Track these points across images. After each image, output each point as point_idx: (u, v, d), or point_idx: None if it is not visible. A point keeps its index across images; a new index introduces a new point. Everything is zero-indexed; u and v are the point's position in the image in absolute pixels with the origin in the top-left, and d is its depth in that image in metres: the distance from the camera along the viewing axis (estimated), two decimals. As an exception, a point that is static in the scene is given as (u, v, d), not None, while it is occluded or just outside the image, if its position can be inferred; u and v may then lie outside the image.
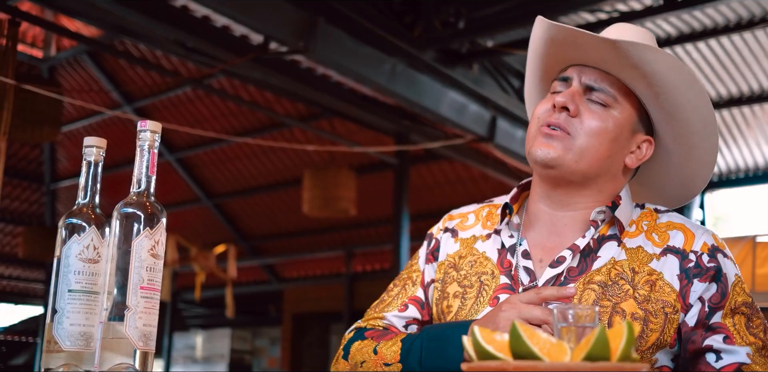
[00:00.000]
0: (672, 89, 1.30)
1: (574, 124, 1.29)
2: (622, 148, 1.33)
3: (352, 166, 7.52)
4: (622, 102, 1.31)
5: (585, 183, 1.33)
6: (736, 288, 1.26)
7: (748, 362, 1.20)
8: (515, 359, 0.78)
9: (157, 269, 1.16)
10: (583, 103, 1.31)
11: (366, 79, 4.18)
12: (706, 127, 1.34)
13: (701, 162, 1.39)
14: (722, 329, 1.23)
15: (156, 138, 1.22)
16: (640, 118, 1.34)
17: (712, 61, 5.91)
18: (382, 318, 1.45)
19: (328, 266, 10.28)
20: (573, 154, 1.28)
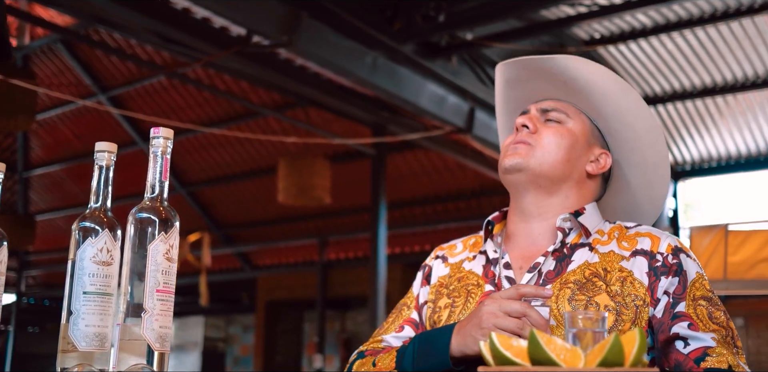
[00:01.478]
0: (607, 97, 1.46)
1: (533, 138, 1.45)
2: (580, 155, 1.47)
3: (327, 155, 7.54)
4: (575, 118, 1.48)
5: (550, 188, 1.45)
6: (696, 284, 1.34)
7: (713, 345, 1.26)
8: (533, 365, 0.82)
9: (171, 272, 1.19)
10: (540, 122, 1.48)
11: (347, 72, 4.20)
12: (649, 132, 1.48)
13: (655, 170, 1.52)
14: (686, 317, 1.30)
15: (168, 144, 1.24)
16: (594, 133, 1.50)
17: (686, 52, 6.01)
18: (381, 341, 1.55)
19: (302, 254, 10.30)
20: (535, 158, 1.43)
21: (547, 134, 1.45)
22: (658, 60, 6.15)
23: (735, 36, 5.74)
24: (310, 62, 4.25)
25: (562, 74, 1.47)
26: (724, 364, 1.24)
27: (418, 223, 8.81)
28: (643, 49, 6.02)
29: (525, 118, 1.47)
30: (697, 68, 6.20)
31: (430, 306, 1.53)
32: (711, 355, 1.26)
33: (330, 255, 9.95)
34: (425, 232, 9.06)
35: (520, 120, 1.47)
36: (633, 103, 1.46)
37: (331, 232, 9.57)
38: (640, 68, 6.29)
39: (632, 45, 5.96)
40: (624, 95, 1.46)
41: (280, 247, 10.25)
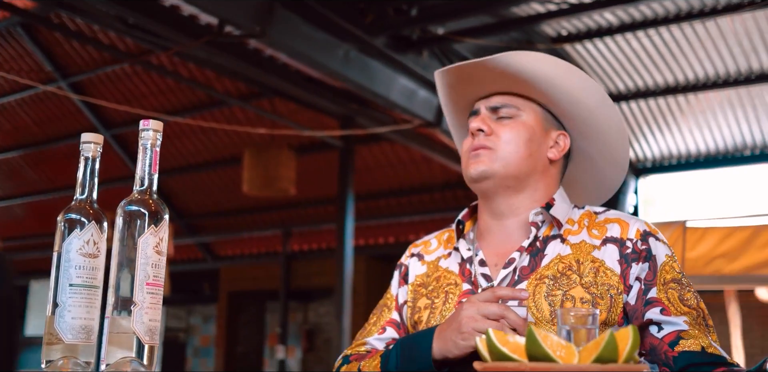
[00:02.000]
0: (552, 79, 1.46)
1: (492, 140, 1.46)
2: (540, 145, 1.48)
3: (292, 146, 7.51)
4: (526, 109, 1.49)
5: (519, 186, 1.47)
6: (665, 267, 1.38)
7: (686, 329, 1.31)
8: (530, 361, 0.85)
9: (161, 266, 1.19)
10: (493, 122, 1.49)
11: (320, 64, 4.19)
12: (601, 104, 1.49)
13: (613, 137, 1.52)
14: (658, 302, 1.34)
15: (158, 137, 1.24)
16: (547, 118, 1.51)
17: (650, 51, 6.10)
18: (364, 344, 1.58)
19: (265, 245, 10.27)
20: (499, 161, 1.45)
21: (504, 133, 1.46)
22: (622, 58, 6.24)
23: (698, 36, 5.84)
24: (281, 54, 4.23)
25: (504, 71, 1.46)
26: (697, 347, 1.29)
27: (383, 215, 8.84)
28: (608, 47, 6.09)
29: (478, 122, 1.48)
30: (660, 67, 6.30)
31: (409, 305, 1.55)
32: (684, 338, 1.30)
33: (294, 246, 9.93)
34: (390, 224, 9.09)
35: (474, 124, 1.48)
36: (579, 82, 1.46)
37: (295, 223, 9.55)
38: (605, 66, 6.38)
39: (598, 43, 6.04)
40: (569, 77, 1.46)
41: (244, 238, 10.20)
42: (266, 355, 10.47)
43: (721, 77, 6.35)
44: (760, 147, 6.96)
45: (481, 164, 1.45)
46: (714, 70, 6.28)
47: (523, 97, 1.50)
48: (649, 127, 7.05)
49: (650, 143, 7.23)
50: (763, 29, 5.70)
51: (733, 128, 6.86)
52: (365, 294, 8.82)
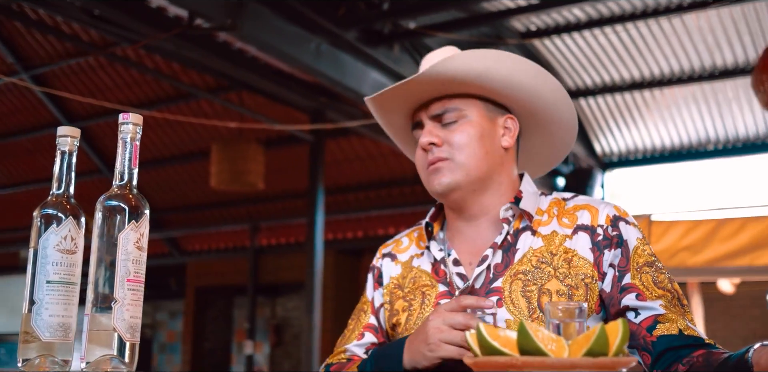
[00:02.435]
0: (485, 72, 1.43)
1: (445, 150, 1.44)
2: (493, 138, 1.47)
3: (260, 139, 7.46)
4: (467, 106, 1.46)
5: (484, 186, 1.47)
6: (638, 250, 1.39)
7: (662, 312, 1.33)
8: (522, 355, 0.85)
9: (142, 262, 1.17)
10: (441, 130, 1.46)
11: (291, 57, 4.16)
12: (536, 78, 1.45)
13: (560, 108, 1.51)
14: (633, 288, 1.35)
15: (138, 130, 1.22)
16: (488, 107, 1.49)
17: (617, 47, 6.16)
18: (344, 351, 1.58)
19: (233, 240, 10.20)
20: (459, 170, 1.44)
21: (456, 139, 1.44)
22: (590, 53, 6.30)
23: (663, 33, 5.91)
24: (252, 46, 4.20)
25: (436, 80, 1.44)
26: (674, 330, 1.31)
27: (351, 209, 8.83)
28: (576, 42, 6.14)
29: (426, 136, 1.45)
30: (626, 62, 6.37)
31: (387, 308, 1.55)
32: (661, 322, 1.32)
33: (262, 241, 9.88)
34: (358, 218, 9.08)
35: (424, 139, 1.45)
36: (512, 64, 1.43)
37: (264, 217, 9.50)
38: (572, 61, 6.43)
39: (566, 38, 6.08)
40: (500, 64, 1.43)
41: (211, 233, 10.12)
42: (234, 350, 10.42)
43: (686, 73, 6.43)
44: (722, 142, 7.07)
45: (443, 177, 1.44)
46: (679, 65, 6.36)
47: (460, 95, 1.47)
48: (615, 121, 7.13)
49: (616, 138, 7.31)
50: (727, 26, 5.79)
51: (697, 123, 6.96)
52: (334, 288, 8.81)
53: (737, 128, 6.91)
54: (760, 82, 4.73)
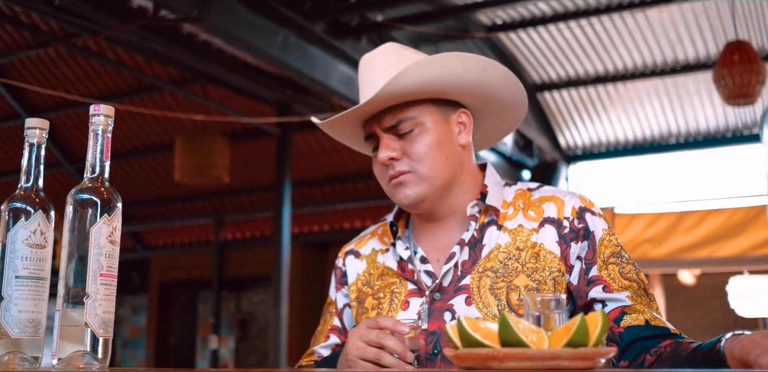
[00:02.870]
0: (431, 78, 1.39)
1: (405, 163, 1.41)
2: (450, 141, 1.44)
3: (225, 133, 7.40)
4: (421, 113, 1.42)
5: (448, 190, 1.45)
6: (604, 242, 1.40)
7: (629, 304, 1.34)
8: (503, 346, 0.85)
9: (114, 256, 1.15)
10: (397, 141, 1.42)
11: (258, 49, 4.12)
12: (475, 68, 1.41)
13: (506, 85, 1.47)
14: (600, 281, 1.36)
15: (110, 122, 1.20)
16: (439, 106, 1.45)
17: (581, 41, 6.22)
18: (313, 353, 1.60)
19: (197, 234, 10.12)
20: (423, 182, 1.41)
21: (415, 150, 1.40)
22: (555, 47, 6.34)
23: (627, 27, 5.98)
24: (218, 38, 4.15)
25: (387, 99, 1.40)
26: (641, 321, 1.33)
27: (317, 202, 8.80)
28: (541, 36, 6.18)
29: (384, 150, 1.41)
30: (590, 57, 6.43)
31: (354, 306, 1.55)
32: (628, 313, 1.34)
33: (227, 234, 9.82)
34: (324, 212, 9.06)
35: (382, 154, 1.41)
36: (459, 67, 1.40)
37: (229, 211, 9.43)
38: (537, 55, 6.47)
39: (531, 32, 6.12)
40: (448, 69, 1.39)
41: (175, 227, 10.02)
42: (198, 345, 10.35)
43: (649, 67, 6.52)
44: (684, 135, 7.18)
45: (407, 190, 1.41)
46: (642, 60, 6.44)
47: (411, 101, 1.43)
48: (579, 115, 7.19)
49: (580, 131, 7.38)
50: (689, 21, 5.87)
51: (659, 117, 7.06)
52: (300, 282, 8.79)
53: (698, 122, 7.02)
54: (720, 77, 4.82)
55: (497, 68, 1.42)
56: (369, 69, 1.46)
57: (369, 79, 1.45)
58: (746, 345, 0.98)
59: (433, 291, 1.42)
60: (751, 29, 5.87)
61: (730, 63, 4.72)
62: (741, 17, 5.70)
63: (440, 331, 1.38)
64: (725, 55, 4.78)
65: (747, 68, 4.67)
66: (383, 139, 1.42)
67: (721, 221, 6.63)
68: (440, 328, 1.39)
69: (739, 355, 0.99)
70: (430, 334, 1.39)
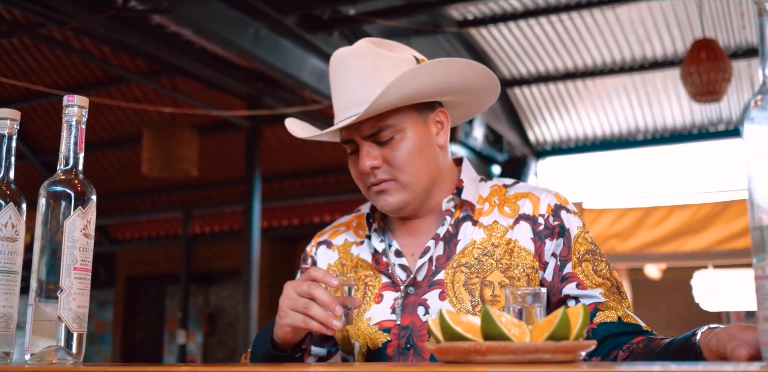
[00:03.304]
0: (421, 90, 1.36)
1: (387, 171, 1.39)
2: (430, 144, 1.42)
3: (194, 126, 7.33)
4: (401, 120, 1.39)
5: (429, 191, 1.44)
6: (578, 239, 1.41)
7: (602, 300, 1.36)
8: (485, 340, 0.85)
9: (89, 249, 1.14)
10: (377, 148, 1.39)
11: (229, 42, 4.08)
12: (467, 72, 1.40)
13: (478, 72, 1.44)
14: (573, 278, 1.38)
15: (84, 113, 1.18)
16: (419, 109, 1.42)
17: (552, 37, 6.26)
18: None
19: (165, 228, 10.03)
20: (407, 189, 1.40)
21: (396, 159, 1.38)
22: (525, 43, 6.38)
23: (597, 24, 6.03)
24: (188, 30, 4.09)
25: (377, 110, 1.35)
26: (614, 317, 1.34)
27: (287, 197, 8.77)
28: (512, 32, 6.21)
29: (366, 159, 1.38)
30: (560, 53, 6.48)
31: None
32: (601, 309, 1.35)
33: (195, 228, 9.74)
34: (293, 206, 9.03)
35: (364, 164, 1.38)
36: (441, 74, 1.37)
37: (197, 205, 9.36)
38: (508, 50, 6.50)
39: (502, 28, 6.15)
40: (431, 79, 1.36)
41: (142, 221, 9.91)
42: (166, 340, 10.26)
43: (617, 64, 6.58)
44: (651, 131, 7.27)
45: (390, 198, 1.40)
46: (611, 56, 6.50)
47: (386, 112, 1.38)
48: (549, 111, 7.25)
49: (549, 127, 7.44)
50: (657, 19, 5.94)
51: (627, 113, 7.13)
52: (269, 276, 8.75)
53: (665, 118, 7.11)
54: (688, 74, 4.88)
55: (474, 67, 1.40)
56: (344, 71, 1.40)
57: (344, 81, 1.40)
58: (723, 337, 0.99)
59: (407, 285, 1.42)
60: (718, 27, 5.96)
61: (697, 61, 4.79)
62: (708, 15, 5.78)
63: (413, 325, 1.38)
64: (692, 53, 4.84)
65: (713, 66, 4.74)
66: (363, 147, 1.39)
67: (686, 217, 6.73)
68: (413, 322, 1.38)
69: (716, 347, 1.00)
70: (403, 328, 1.39)
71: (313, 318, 1.22)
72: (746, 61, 6.24)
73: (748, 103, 0.79)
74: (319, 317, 1.22)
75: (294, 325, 1.25)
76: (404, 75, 1.30)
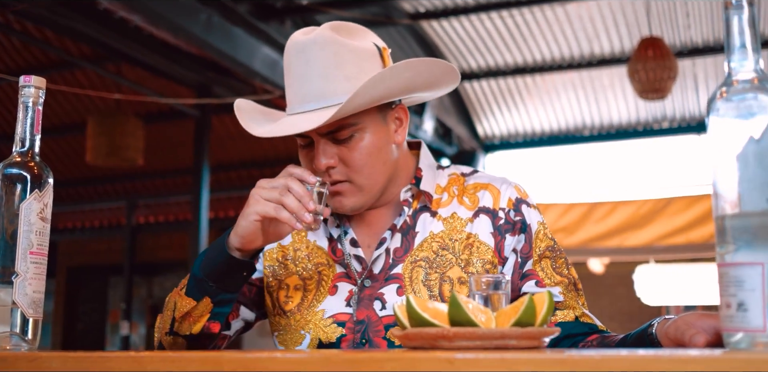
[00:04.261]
0: (386, 92, 1.33)
1: (342, 172, 1.34)
2: (388, 144, 1.38)
3: (140, 114, 7.20)
4: (361, 119, 1.33)
5: (384, 189, 1.40)
6: (539, 235, 1.40)
7: (561, 299, 1.37)
8: (452, 326, 0.86)
9: (45, 233, 1.11)
10: (334, 147, 1.34)
11: (180, 29, 4.00)
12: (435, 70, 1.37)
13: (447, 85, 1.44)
14: (533, 275, 1.38)
15: (41, 94, 1.15)
16: (381, 107, 1.37)
17: (502, 32, 6.32)
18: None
19: (108, 217, 9.84)
20: (363, 191, 1.36)
21: (353, 160, 1.33)
22: (476, 37, 6.43)
23: (547, 20, 6.11)
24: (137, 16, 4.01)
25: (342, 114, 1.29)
26: (571, 317, 1.36)
27: (234, 187, 8.69)
28: (463, 26, 6.25)
29: (322, 157, 1.32)
30: (510, 48, 6.54)
31: (267, 274, 1.47)
32: (560, 309, 1.37)
33: (139, 219, 9.58)
34: (242, 196, 8.94)
35: (320, 163, 1.32)
36: (409, 76, 1.33)
37: (142, 194, 9.21)
38: (459, 44, 6.54)
39: (454, 21, 6.18)
40: (398, 82, 1.32)
41: (85, 210, 9.71)
42: (108, 331, 10.09)
43: (566, 60, 6.68)
44: (597, 127, 7.40)
45: (345, 200, 1.36)
46: (560, 52, 6.59)
47: (344, 109, 1.30)
48: (497, 105, 7.32)
49: (498, 121, 7.52)
50: (606, 16, 6.05)
51: (575, 109, 7.25)
52: (214, 267, 8.65)
53: (611, 115, 7.25)
54: (634, 71, 4.98)
55: (441, 65, 1.36)
56: (303, 60, 1.32)
57: (303, 72, 1.32)
58: (681, 325, 1.02)
59: (363, 278, 1.38)
60: (665, 26, 6.09)
61: (644, 58, 4.89)
62: (655, 14, 5.90)
63: (369, 320, 1.34)
64: (639, 51, 4.94)
65: (660, 64, 4.85)
66: (319, 144, 1.33)
67: (629, 212, 6.87)
68: (369, 317, 1.35)
69: (674, 335, 1.03)
70: (359, 322, 1.35)
71: (286, 207, 1.20)
72: (691, 60, 6.40)
73: (714, 95, 0.81)
74: (293, 206, 1.20)
75: (264, 213, 1.22)
76: (373, 79, 1.25)
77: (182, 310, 1.33)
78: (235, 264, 1.29)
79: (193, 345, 1.38)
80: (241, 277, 1.32)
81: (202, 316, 1.33)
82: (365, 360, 0.77)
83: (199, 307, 1.32)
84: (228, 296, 1.32)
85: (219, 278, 1.30)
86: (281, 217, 1.21)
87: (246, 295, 1.46)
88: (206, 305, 1.31)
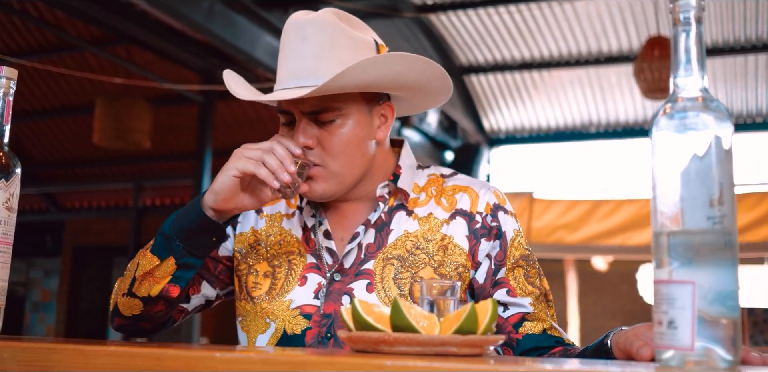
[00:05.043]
0: (376, 80, 1.32)
1: (318, 155, 1.33)
2: (369, 136, 1.37)
3: (147, 97, 7.22)
4: (347, 104, 1.33)
5: (357, 182, 1.39)
6: (514, 243, 1.40)
7: (530, 311, 1.37)
8: (394, 331, 0.87)
9: (11, 223, 1.13)
10: (315, 128, 1.33)
11: (182, 15, 4.01)
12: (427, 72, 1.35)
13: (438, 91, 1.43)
14: (505, 284, 1.37)
15: (12, 85, 1.16)
16: (368, 98, 1.37)
17: (510, 27, 6.29)
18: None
19: (115, 198, 9.90)
20: (335, 178, 1.34)
21: (332, 145, 1.32)
22: (483, 31, 6.40)
23: (555, 16, 6.08)
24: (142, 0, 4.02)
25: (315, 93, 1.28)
26: (539, 329, 1.36)
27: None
28: (471, 19, 6.23)
29: (301, 135, 1.32)
30: (518, 43, 6.52)
31: (237, 257, 1.46)
32: (528, 320, 1.36)
33: (145, 201, 9.64)
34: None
35: (299, 140, 1.31)
36: (400, 69, 1.32)
37: (148, 177, 9.25)
38: (466, 38, 6.52)
39: (461, 15, 6.15)
40: (390, 71, 1.31)
41: (92, 190, 9.77)
42: (110, 311, 10.17)
43: (573, 57, 6.65)
44: (604, 125, 7.38)
45: (315, 185, 1.34)
46: (567, 49, 6.56)
47: (333, 94, 1.31)
48: (504, 99, 7.30)
49: (504, 115, 7.50)
50: (614, 14, 6.01)
51: (581, 106, 7.23)
52: (216, 252, 8.70)
53: (618, 113, 7.22)
54: (641, 71, 4.95)
55: (434, 68, 1.35)
56: (299, 37, 1.32)
57: (297, 49, 1.32)
58: (630, 337, 1.03)
59: (333, 271, 1.38)
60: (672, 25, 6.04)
61: (651, 57, 4.87)
62: (663, 13, 5.87)
63: (335, 314, 1.35)
64: (646, 50, 4.92)
65: (666, 64, 4.82)
66: (301, 123, 1.32)
67: (633, 211, 6.84)
68: (336, 310, 1.35)
69: (624, 346, 1.04)
70: (325, 316, 1.35)
71: (266, 165, 1.21)
72: (699, 60, 6.35)
73: (658, 110, 0.82)
74: (273, 165, 1.21)
75: (244, 168, 1.23)
76: (365, 61, 1.24)
77: (144, 268, 1.34)
78: (207, 224, 1.29)
79: (149, 309, 1.37)
80: (210, 241, 1.31)
81: (163, 278, 1.32)
82: (302, 362, 0.79)
83: (161, 266, 1.32)
84: (192, 260, 1.32)
85: (187, 237, 1.30)
86: (260, 173, 1.22)
87: (210, 271, 1.46)
88: (169, 266, 1.31)
